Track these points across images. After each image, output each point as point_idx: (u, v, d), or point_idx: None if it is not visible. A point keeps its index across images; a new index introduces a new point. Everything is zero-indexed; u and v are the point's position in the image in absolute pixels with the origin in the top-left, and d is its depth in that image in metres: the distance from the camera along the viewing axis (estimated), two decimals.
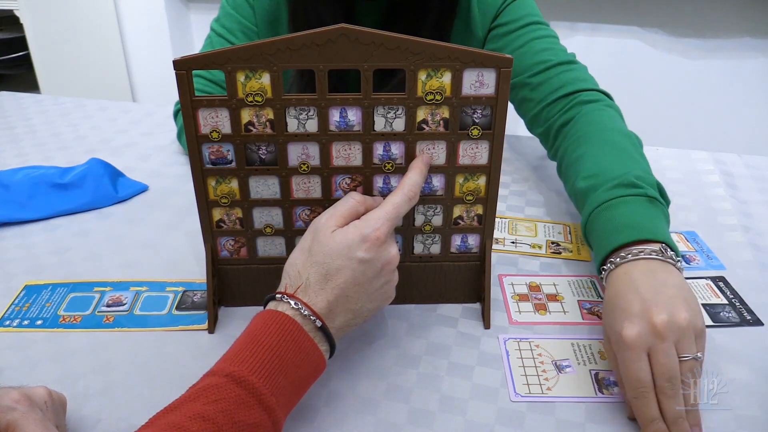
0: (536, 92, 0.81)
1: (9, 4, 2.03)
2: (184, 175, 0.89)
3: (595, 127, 0.73)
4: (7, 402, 0.42)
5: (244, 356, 0.44)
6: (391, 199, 0.52)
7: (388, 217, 0.50)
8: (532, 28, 0.84)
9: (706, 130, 2.11)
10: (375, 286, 0.50)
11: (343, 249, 0.49)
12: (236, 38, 0.85)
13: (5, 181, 0.80)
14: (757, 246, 0.73)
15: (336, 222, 0.50)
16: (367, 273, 0.49)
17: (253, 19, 0.85)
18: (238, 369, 0.43)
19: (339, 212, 0.51)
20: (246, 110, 0.53)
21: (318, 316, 0.47)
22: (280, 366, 0.44)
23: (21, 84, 2.35)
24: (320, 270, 0.49)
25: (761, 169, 0.93)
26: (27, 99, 1.21)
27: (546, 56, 0.81)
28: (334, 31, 0.49)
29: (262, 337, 0.46)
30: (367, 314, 0.52)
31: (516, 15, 0.85)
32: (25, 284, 0.66)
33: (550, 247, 0.73)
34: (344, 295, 0.49)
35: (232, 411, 0.41)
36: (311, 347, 0.47)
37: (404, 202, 0.52)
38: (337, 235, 0.49)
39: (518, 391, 0.53)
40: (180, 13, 2.41)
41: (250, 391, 0.42)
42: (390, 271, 0.51)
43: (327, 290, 0.48)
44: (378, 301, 0.52)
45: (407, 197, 0.52)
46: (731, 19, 1.94)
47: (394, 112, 0.53)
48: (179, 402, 0.42)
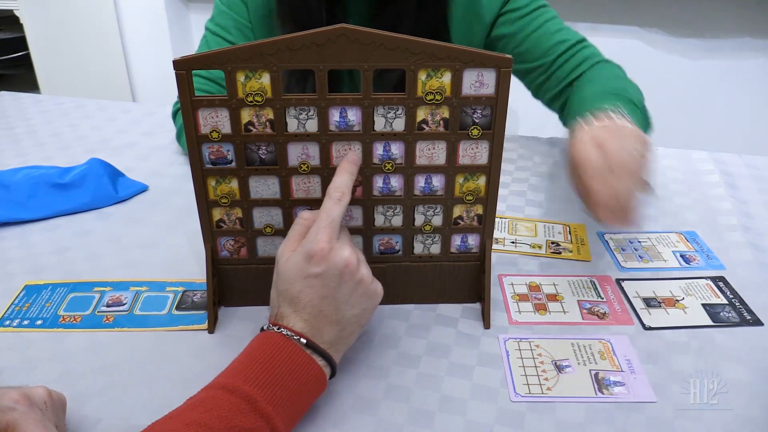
0: (559, 72, 0.87)
1: (9, 4, 2.03)
2: (184, 175, 0.89)
3: (600, 74, 0.85)
4: (7, 402, 0.42)
5: (239, 370, 0.46)
6: (322, 207, 0.51)
7: (323, 226, 0.49)
8: (542, 12, 0.89)
9: (706, 130, 2.10)
10: (345, 292, 0.50)
11: (296, 272, 0.49)
12: (231, 35, 0.85)
13: (5, 181, 0.80)
14: (757, 246, 0.73)
15: (290, 247, 0.51)
16: (328, 285, 0.49)
17: (247, 15, 0.85)
18: (232, 381, 0.45)
19: (291, 237, 0.52)
20: (246, 110, 0.53)
21: (300, 335, 0.48)
22: (276, 378, 0.45)
23: (21, 84, 2.35)
24: (286, 297, 0.50)
25: (761, 169, 0.93)
26: (27, 99, 1.21)
27: (562, 36, 0.87)
28: (334, 31, 0.49)
29: (256, 354, 0.47)
30: (355, 320, 0.51)
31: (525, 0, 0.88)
32: (25, 284, 0.66)
33: (550, 247, 0.73)
34: (318, 312, 0.49)
35: (228, 417, 0.42)
36: (307, 360, 0.48)
37: (334, 205, 0.50)
38: (289, 261, 0.50)
39: (518, 391, 0.53)
40: (180, 13, 2.41)
41: (244, 398, 0.43)
42: (351, 272, 0.49)
43: (300, 313, 0.49)
44: (362, 304, 0.51)
45: (335, 199, 0.51)
46: (731, 19, 1.93)
47: (394, 112, 0.53)
48: (176, 412, 0.43)
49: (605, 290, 0.66)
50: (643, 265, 0.70)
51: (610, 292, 0.65)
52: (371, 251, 0.61)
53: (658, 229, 0.77)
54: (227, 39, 0.86)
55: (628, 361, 0.56)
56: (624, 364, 0.55)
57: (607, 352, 0.57)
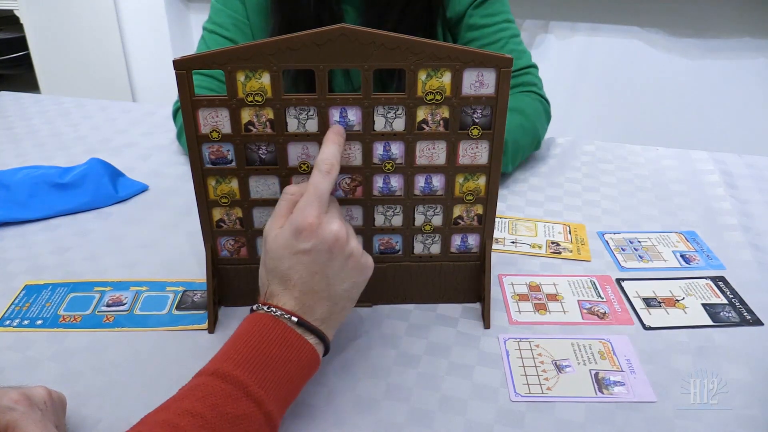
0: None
1: (9, 4, 2.03)
2: (184, 175, 0.89)
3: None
4: (7, 402, 0.42)
5: (229, 355, 0.45)
6: (310, 180, 0.49)
7: (312, 200, 0.48)
8: (505, 26, 0.89)
9: (706, 130, 2.10)
10: (335, 267, 0.49)
11: (284, 248, 0.48)
12: (229, 32, 0.85)
13: (5, 181, 0.80)
14: (757, 246, 0.73)
15: (277, 224, 0.50)
16: (318, 260, 0.48)
17: (244, 12, 0.85)
18: (222, 366, 0.44)
19: (278, 213, 0.51)
20: (246, 110, 0.53)
21: (291, 313, 0.47)
22: (267, 361, 0.45)
23: (21, 84, 2.35)
24: (276, 274, 0.49)
25: (761, 169, 0.93)
26: (27, 99, 1.21)
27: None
28: (334, 31, 0.49)
29: (245, 337, 0.46)
30: (347, 294, 0.50)
31: (493, 10, 0.89)
32: (25, 284, 0.66)
33: (550, 247, 0.73)
34: (308, 288, 0.48)
35: (219, 405, 0.41)
36: (298, 340, 0.47)
37: (322, 178, 0.49)
38: (278, 237, 0.49)
39: (518, 391, 0.53)
40: (180, 13, 2.41)
41: (235, 384, 0.43)
42: (341, 246, 0.48)
43: (290, 290, 0.48)
44: (353, 278, 0.50)
45: (324, 172, 0.49)
46: (731, 19, 1.93)
47: (394, 112, 0.53)
48: (169, 402, 0.43)
49: (605, 290, 0.66)
50: (643, 265, 0.70)
51: (610, 292, 0.65)
52: (371, 251, 0.61)
53: (658, 229, 0.77)
54: (225, 36, 0.86)
55: (628, 361, 0.56)
56: (624, 364, 0.55)
57: (607, 352, 0.57)
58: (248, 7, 0.85)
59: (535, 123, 0.88)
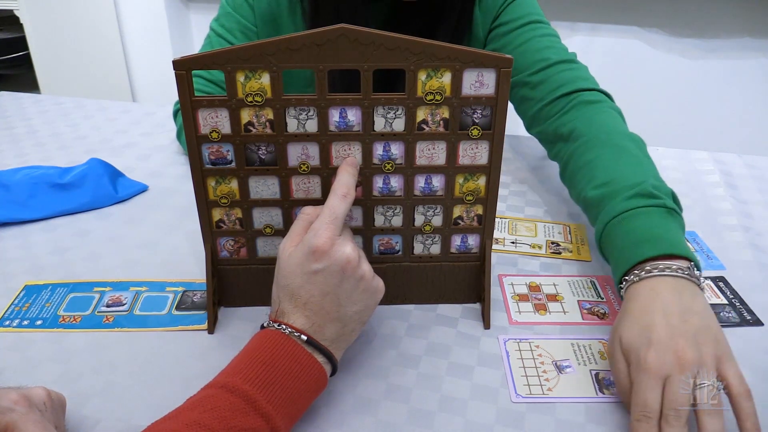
0: (536, 91, 0.81)
1: (9, 4, 2.03)
2: (184, 175, 0.89)
3: (601, 131, 0.72)
4: (6, 403, 0.42)
5: (239, 369, 0.46)
6: (327, 203, 0.51)
7: (327, 222, 0.49)
8: (533, 27, 0.84)
9: (706, 130, 2.11)
10: (346, 289, 0.49)
11: (297, 267, 0.49)
12: (235, 38, 0.85)
13: (5, 181, 0.80)
14: (757, 246, 0.73)
15: (292, 242, 0.51)
16: (330, 281, 0.49)
17: (253, 19, 0.85)
18: (232, 380, 0.44)
19: (294, 232, 0.51)
20: (246, 110, 0.53)
21: (301, 332, 0.48)
22: (276, 377, 0.45)
23: (21, 84, 2.35)
24: (287, 292, 0.49)
25: (761, 169, 0.93)
26: (27, 99, 1.21)
27: (546, 54, 0.81)
28: (334, 31, 0.49)
29: (256, 353, 0.47)
30: (357, 317, 0.51)
31: (516, 14, 0.85)
32: (25, 284, 0.66)
33: (550, 247, 0.73)
34: (319, 308, 0.49)
35: (227, 417, 0.42)
36: (307, 358, 0.47)
37: (339, 202, 0.50)
38: (291, 256, 0.50)
39: (519, 392, 0.53)
40: (180, 13, 2.41)
41: (244, 398, 0.43)
42: (353, 269, 0.49)
43: (300, 309, 0.49)
44: (364, 301, 0.51)
45: (340, 195, 0.51)
46: (731, 19, 1.94)
47: (394, 113, 0.53)
48: (176, 412, 0.43)
49: (605, 290, 0.66)
50: None
51: (610, 292, 0.65)
52: (371, 251, 0.61)
53: None
54: (231, 42, 0.85)
55: None
56: None
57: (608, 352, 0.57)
58: (257, 14, 0.85)
59: (637, 140, 0.72)
